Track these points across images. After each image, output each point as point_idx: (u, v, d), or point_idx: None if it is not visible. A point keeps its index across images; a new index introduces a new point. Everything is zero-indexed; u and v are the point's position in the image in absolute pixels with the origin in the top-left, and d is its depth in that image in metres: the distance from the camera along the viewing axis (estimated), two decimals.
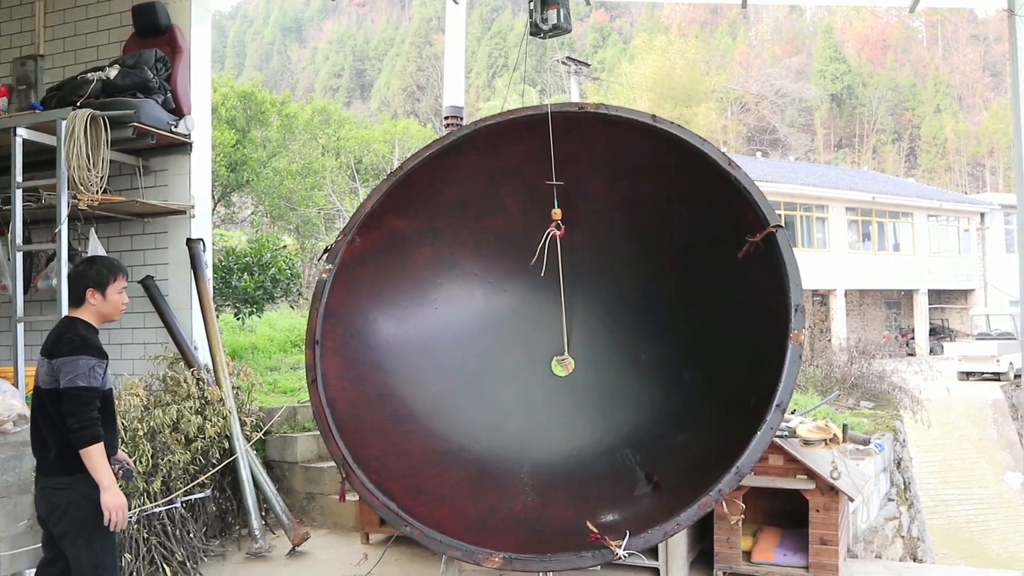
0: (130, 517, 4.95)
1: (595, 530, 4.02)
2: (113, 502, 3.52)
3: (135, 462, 4.95)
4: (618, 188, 5.38)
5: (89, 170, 5.57)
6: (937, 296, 33.41)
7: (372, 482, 4.17)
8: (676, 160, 4.95)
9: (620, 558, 3.91)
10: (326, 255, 5.01)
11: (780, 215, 27.87)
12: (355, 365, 4.99)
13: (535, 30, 5.25)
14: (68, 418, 3.47)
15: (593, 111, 5.09)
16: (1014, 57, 5.26)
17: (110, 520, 3.53)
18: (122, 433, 4.99)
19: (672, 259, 5.39)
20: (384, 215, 5.20)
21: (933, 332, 32.38)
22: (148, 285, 6.43)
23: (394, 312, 5.28)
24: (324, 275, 4.88)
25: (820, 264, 28.17)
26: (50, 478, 3.59)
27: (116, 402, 5.16)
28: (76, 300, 3.75)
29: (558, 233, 5.04)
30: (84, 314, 3.71)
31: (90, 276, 3.74)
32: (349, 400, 4.74)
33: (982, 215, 33.94)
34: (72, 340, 3.56)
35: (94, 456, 3.48)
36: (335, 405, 4.58)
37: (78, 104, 5.78)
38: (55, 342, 3.61)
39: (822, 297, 29.05)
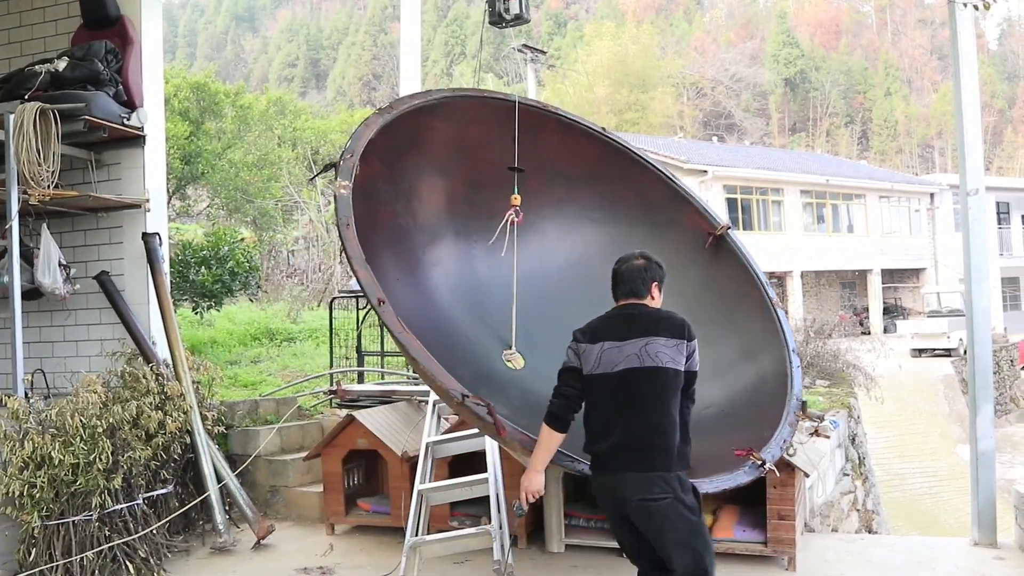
0: (90, 515, 4.92)
1: (742, 449, 4.20)
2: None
3: (94, 459, 4.90)
4: (561, 187, 5.58)
5: (40, 165, 5.47)
6: (890, 275, 34.08)
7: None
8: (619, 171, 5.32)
9: (769, 469, 4.18)
10: (334, 170, 4.49)
11: (736, 199, 28.32)
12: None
13: (497, 19, 5.28)
14: (690, 403, 3.53)
15: (553, 112, 5.23)
16: (954, 43, 5.39)
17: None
18: (80, 431, 4.94)
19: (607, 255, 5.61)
20: (373, 152, 4.72)
21: (887, 311, 33.04)
22: (103, 281, 6.34)
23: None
24: (343, 191, 4.36)
25: (776, 247, 28.58)
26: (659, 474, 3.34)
27: (75, 399, 5.12)
28: (636, 293, 3.58)
29: (516, 220, 5.07)
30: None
31: (659, 273, 3.64)
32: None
33: (932, 195, 34.63)
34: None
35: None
36: None
37: (26, 97, 5.68)
38: (683, 325, 3.48)
39: (779, 279, 29.50)
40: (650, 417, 3.36)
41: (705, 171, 27.80)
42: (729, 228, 5.17)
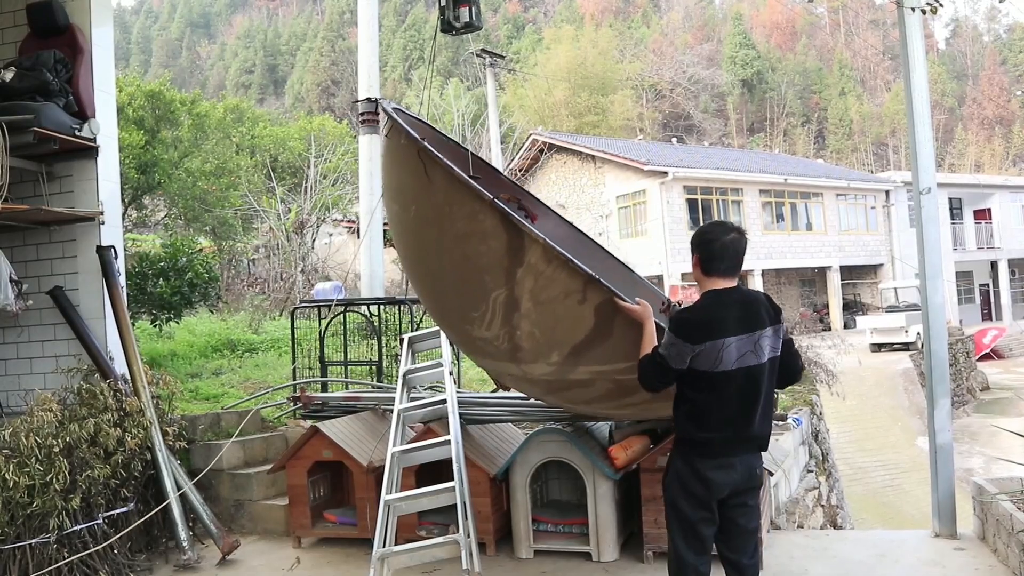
0: (47, 537, 4.80)
1: None
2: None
3: (51, 480, 4.79)
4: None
5: None
6: (849, 272, 34.59)
7: None
8: None
9: None
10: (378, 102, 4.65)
11: (697, 199, 28.57)
12: None
13: (447, 27, 5.28)
14: (798, 372, 3.56)
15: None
16: (904, 46, 5.48)
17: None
18: (36, 451, 4.82)
19: None
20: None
21: (846, 307, 33.53)
22: (57, 296, 6.20)
23: None
24: (391, 103, 4.54)
25: None
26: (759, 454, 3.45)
27: (29, 418, 4.99)
28: (736, 272, 3.57)
29: None
30: None
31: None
32: None
33: (887, 192, 35.22)
34: None
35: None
36: None
37: None
38: (776, 306, 3.49)
39: (741, 279, 29.80)
40: (765, 409, 3.36)
41: (665, 172, 28.06)
42: (671, 303, 5.44)
